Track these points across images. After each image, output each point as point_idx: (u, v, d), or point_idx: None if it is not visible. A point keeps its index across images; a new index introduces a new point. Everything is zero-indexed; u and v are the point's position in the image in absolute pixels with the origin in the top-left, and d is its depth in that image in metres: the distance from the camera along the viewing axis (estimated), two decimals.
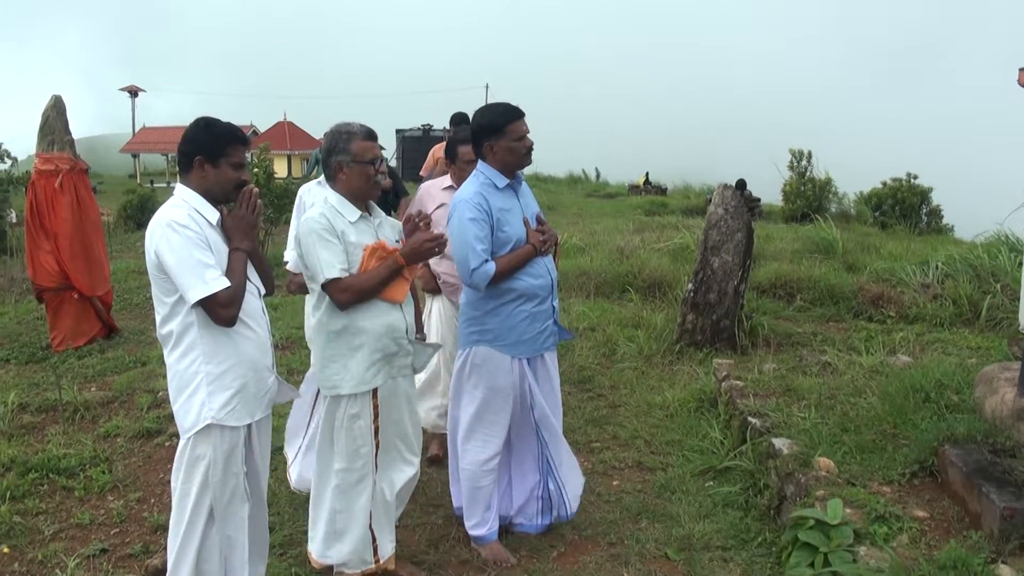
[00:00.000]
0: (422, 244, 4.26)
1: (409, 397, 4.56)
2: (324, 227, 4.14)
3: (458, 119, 7.75)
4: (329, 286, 4.13)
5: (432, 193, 6.05)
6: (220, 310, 3.64)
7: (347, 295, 4.14)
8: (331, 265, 4.12)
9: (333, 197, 4.27)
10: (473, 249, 4.60)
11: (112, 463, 6.33)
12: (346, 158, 4.23)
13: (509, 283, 4.74)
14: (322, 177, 4.86)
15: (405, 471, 4.59)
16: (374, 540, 4.45)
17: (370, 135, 4.29)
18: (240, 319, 3.74)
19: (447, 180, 6.05)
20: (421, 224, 4.39)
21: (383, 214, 4.50)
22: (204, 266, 3.61)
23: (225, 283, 3.64)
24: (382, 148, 4.55)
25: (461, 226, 4.67)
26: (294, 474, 5.64)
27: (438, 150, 8.15)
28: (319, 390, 4.84)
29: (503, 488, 5.09)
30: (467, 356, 4.88)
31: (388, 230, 4.44)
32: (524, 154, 4.82)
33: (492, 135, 4.78)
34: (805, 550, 4.36)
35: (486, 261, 4.62)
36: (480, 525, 4.95)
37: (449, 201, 5.15)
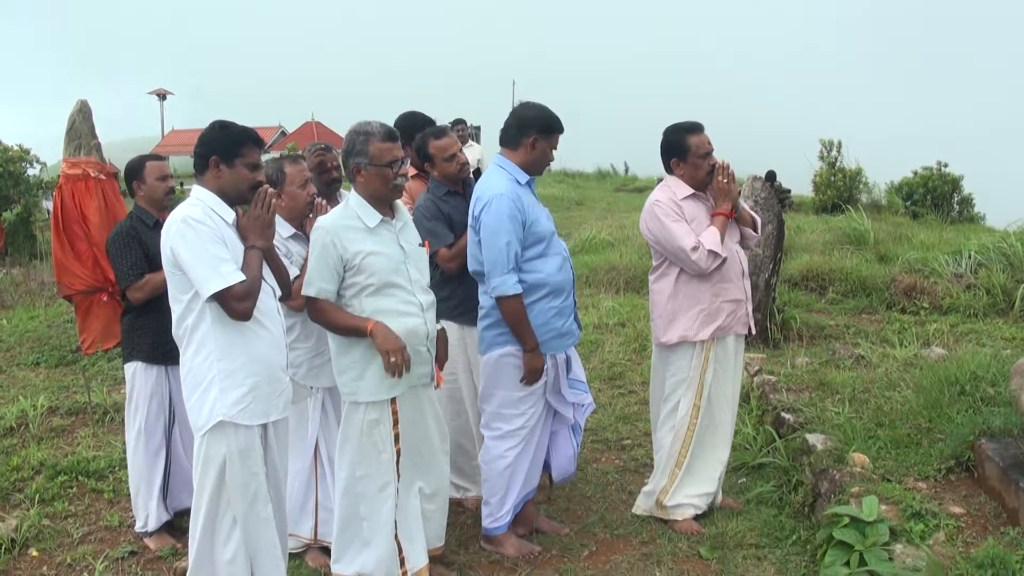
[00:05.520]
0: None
1: (433, 403, 4.46)
2: (329, 243, 4.09)
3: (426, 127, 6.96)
4: (307, 301, 4.16)
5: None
6: (235, 303, 3.63)
7: (319, 318, 4.18)
8: (311, 283, 4.12)
9: (354, 200, 4.20)
10: (507, 255, 4.59)
11: None
12: (363, 160, 4.11)
13: (540, 279, 4.69)
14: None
15: (431, 480, 4.48)
16: (401, 551, 4.34)
17: (390, 136, 4.15)
18: (254, 317, 3.74)
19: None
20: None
21: (407, 216, 4.42)
22: (219, 260, 3.62)
23: (240, 276, 3.64)
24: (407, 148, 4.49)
25: (499, 223, 4.60)
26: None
27: None
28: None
29: (529, 472, 4.98)
30: (499, 357, 4.78)
31: (411, 233, 4.36)
32: (545, 164, 4.87)
33: (540, 132, 4.77)
34: (840, 548, 4.28)
35: (514, 270, 4.59)
36: (492, 519, 4.94)
37: None
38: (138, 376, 5.08)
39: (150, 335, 5.02)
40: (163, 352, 4.96)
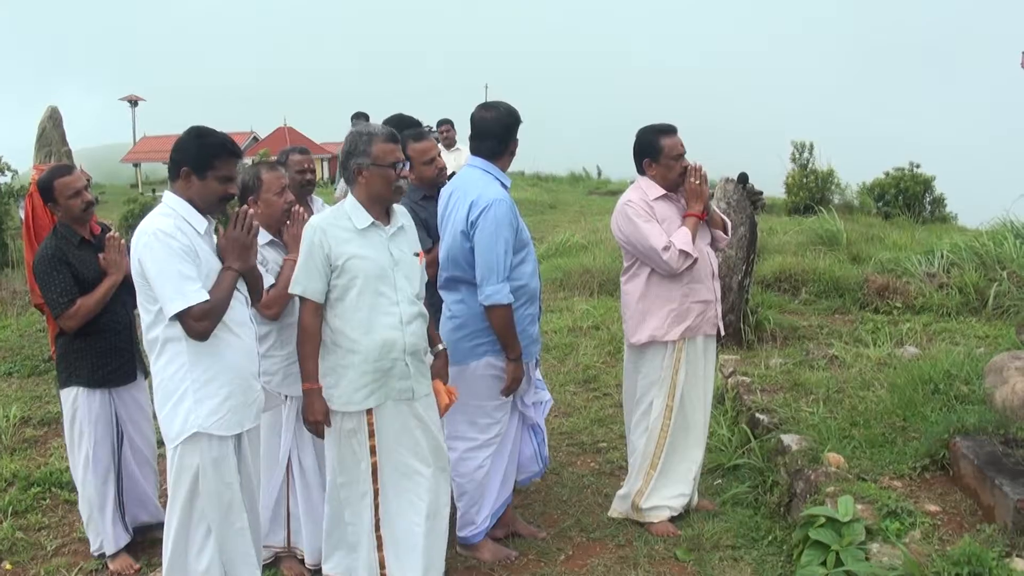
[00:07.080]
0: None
1: (422, 419, 4.22)
2: (317, 241, 4.02)
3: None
4: (300, 304, 4.09)
5: None
6: (192, 323, 3.58)
7: (299, 324, 4.09)
8: (297, 281, 4.06)
9: (349, 202, 4.12)
10: (505, 263, 4.53)
11: None
12: (366, 161, 4.03)
13: (521, 284, 4.66)
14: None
15: (429, 499, 4.26)
16: (383, 566, 4.24)
17: (392, 137, 4.10)
18: (227, 326, 3.71)
19: None
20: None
21: (406, 220, 4.31)
22: (184, 278, 3.56)
23: (203, 296, 3.58)
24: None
25: (499, 229, 4.52)
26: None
27: None
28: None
29: (502, 482, 4.96)
30: (477, 368, 4.72)
31: (404, 241, 4.23)
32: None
33: (514, 131, 4.77)
34: (817, 548, 4.29)
35: (508, 279, 4.53)
36: (472, 528, 4.91)
37: None
38: (80, 402, 4.85)
39: (88, 358, 4.79)
40: (104, 375, 4.82)
